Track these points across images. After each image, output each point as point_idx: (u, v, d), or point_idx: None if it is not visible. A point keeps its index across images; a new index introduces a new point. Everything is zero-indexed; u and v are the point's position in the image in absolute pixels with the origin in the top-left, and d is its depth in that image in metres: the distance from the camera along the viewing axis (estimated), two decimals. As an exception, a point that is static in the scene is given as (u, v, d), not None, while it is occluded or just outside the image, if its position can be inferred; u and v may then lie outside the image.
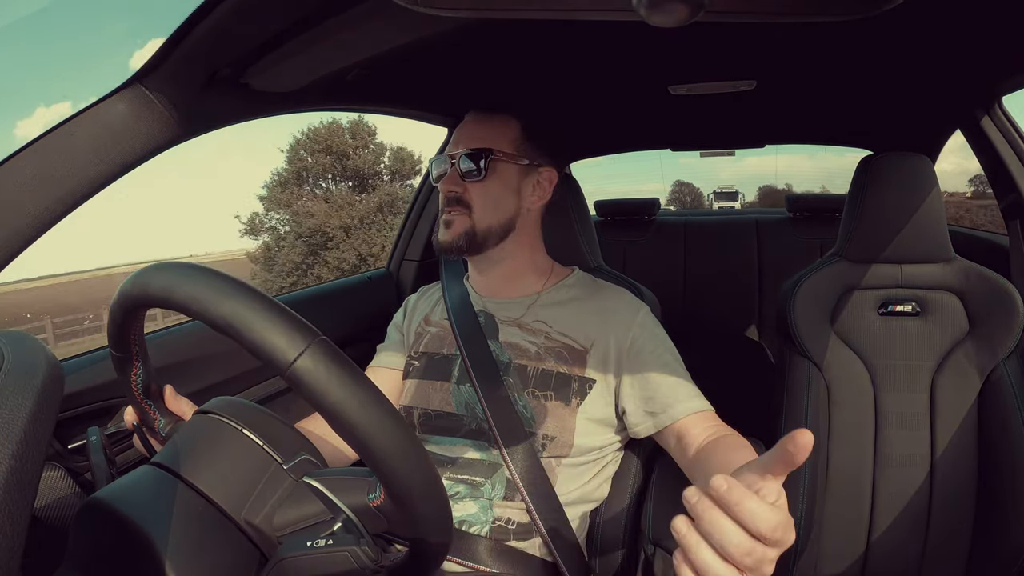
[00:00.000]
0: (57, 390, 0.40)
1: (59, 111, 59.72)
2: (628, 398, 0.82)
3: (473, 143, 0.86)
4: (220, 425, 0.53)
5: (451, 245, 0.85)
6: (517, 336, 0.86)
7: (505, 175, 0.86)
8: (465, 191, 0.85)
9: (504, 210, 0.86)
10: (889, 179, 1.04)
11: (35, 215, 0.59)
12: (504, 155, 0.85)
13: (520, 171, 0.87)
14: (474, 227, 0.84)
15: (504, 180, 0.86)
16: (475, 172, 0.84)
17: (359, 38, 0.70)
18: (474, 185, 0.85)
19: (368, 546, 0.47)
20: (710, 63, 1.14)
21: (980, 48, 1.00)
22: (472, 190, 0.85)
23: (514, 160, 0.86)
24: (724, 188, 22.32)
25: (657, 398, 0.80)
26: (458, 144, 0.87)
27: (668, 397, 0.80)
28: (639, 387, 0.82)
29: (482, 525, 0.79)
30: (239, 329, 0.41)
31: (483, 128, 0.88)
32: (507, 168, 0.86)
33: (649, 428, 0.81)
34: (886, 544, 1.05)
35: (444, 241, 0.86)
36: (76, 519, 0.49)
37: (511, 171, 0.87)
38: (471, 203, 0.85)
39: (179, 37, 0.61)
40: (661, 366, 0.82)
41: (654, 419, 0.81)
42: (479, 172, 0.84)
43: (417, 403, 0.87)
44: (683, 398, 0.80)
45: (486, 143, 0.85)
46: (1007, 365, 1.00)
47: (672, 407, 0.79)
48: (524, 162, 0.87)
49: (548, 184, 0.90)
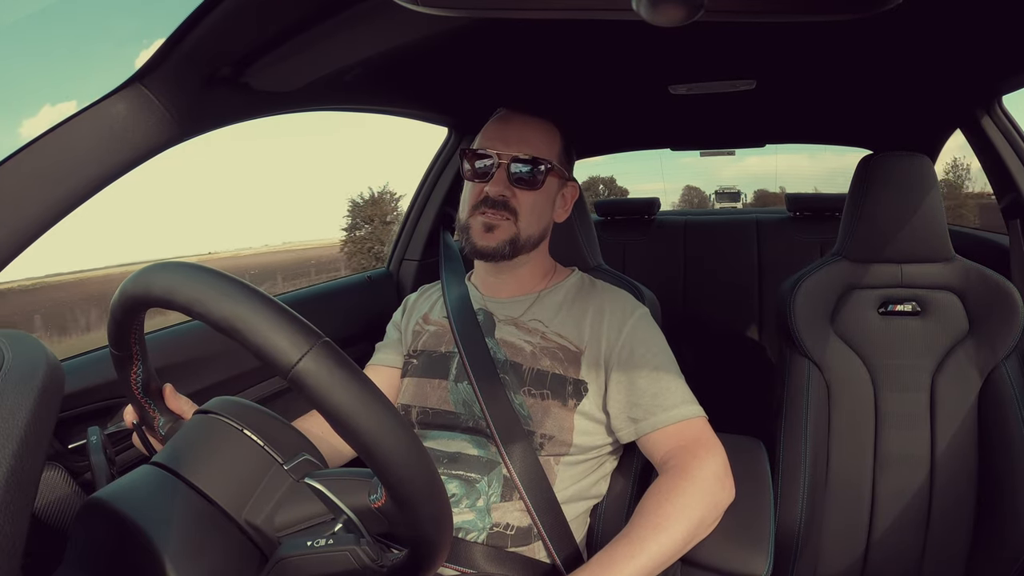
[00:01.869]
0: (57, 390, 0.40)
1: (64, 110, 60.84)
2: (613, 402, 0.81)
3: (529, 148, 0.83)
4: (220, 425, 0.53)
5: (495, 252, 0.83)
6: (513, 335, 0.86)
7: (551, 186, 0.86)
8: (513, 196, 0.83)
9: (544, 220, 0.87)
10: (889, 179, 1.04)
11: (35, 215, 0.59)
12: (555, 168, 0.85)
13: (559, 184, 0.88)
14: (518, 235, 0.83)
15: (549, 191, 0.86)
16: (529, 180, 0.83)
17: (359, 38, 0.70)
18: (525, 193, 0.83)
19: (368, 546, 0.47)
20: (710, 63, 1.14)
21: (980, 48, 1.00)
22: (521, 197, 0.83)
23: (559, 174, 0.87)
24: (726, 188, 22.32)
25: (641, 404, 0.79)
26: (506, 144, 0.83)
27: (651, 405, 0.78)
28: (625, 392, 0.80)
29: (479, 532, 0.77)
30: (241, 330, 0.41)
31: (536, 133, 0.85)
32: (553, 181, 0.86)
33: (631, 434, 0.80)
34: (886, 543, 1.05)
35: (486, 246, 0.83)
36: (76, 519, 0.49)
37: (554, 183, 0.87)
38: (518, 210, 0.83)
39: (179, 37, 0.61)
40: (650, 370, 0.80)
41: (635, 426, 0.79)
42: (535, 182, 0.83)
43: (415, 401, 0.87)
44: (668, 406, 0.78)
45: (543, 152, 0.84)
46: (1007, 365, 1.01)
47: (654, 415, 0.78)
48: (565, 175, 0.88)
49: (571, 198, 0.91)
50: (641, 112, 1.57)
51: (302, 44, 0.68)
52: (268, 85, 0.77)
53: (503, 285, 0.91)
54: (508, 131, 0.85)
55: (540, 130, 0.86)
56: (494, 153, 0.83)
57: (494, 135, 0.85)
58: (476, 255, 0.86)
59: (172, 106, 0.66)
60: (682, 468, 0.72)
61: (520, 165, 0.82)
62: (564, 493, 0.81)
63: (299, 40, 0.67)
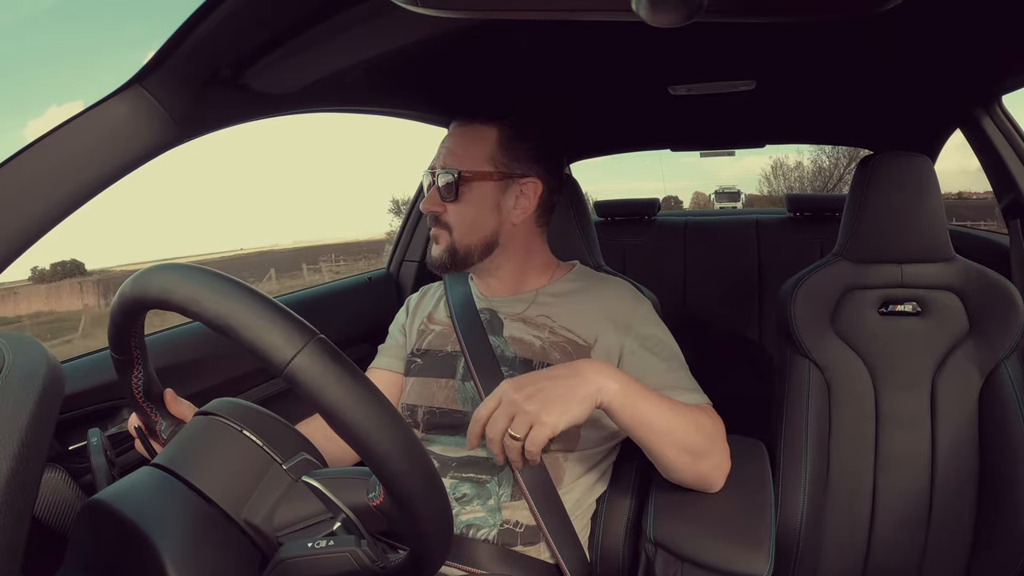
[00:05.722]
0: (58, 391, 0.40)
1: (71, 111, 60.59)
2: None
3: (448, 160, 0.84)
4: (220, 426, 0.53)
5: (436, 263, 0.87)
6: (521, 331, 0.87)
7: (480, 193, 0.83)
8: (444, 211, 0.84)
9: (482, 228, 0.84)
10: (889, 179, 1.04)
11: (35, 216, 0.59)
12: (476, 174, 0.82)
13: (497, 186, 0.84)
14: (454, 245, 0.84)
15: (479, 198, 0.83)
16: (448, 194, 0.83)
17: (359, 39, 0.70)
18: (451, 205, 0.84)
19: (369, 547, 0.47)
20: (710, 63, 1.14)
21: (980, 48, 1.00)
22: (450, 210, 0.84)
23: (489, 177, 0.83)
24: (726, 188, 22.38)
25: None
26: (438, 157, 0.85)
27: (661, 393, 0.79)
28: None
29: (490, 528, 0.78)
30: (236, 328, 0.41)
31: (459, 141, 0.85)
32: (482, 186, 0.83)
33: None
34: (886, 543, 1.05)
35: (432, 257, 0.88)
36: (77, 520, 0.49)
37: (486, 188, 0.83)
38: (449, 223, 0.84)
39: (179, 38, 0.61)
40: (659, 360, 0.82)
41: None
42: (452, 194, 0.83)
43: (421, 401, 0.87)
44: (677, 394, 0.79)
45: (457, 162, 0.83)
46: (1007, 364, 1.01)
47: None
48: (500, 177, 0.83)
49: (533, 194, 0.86)
50: (641, 112, 1.58)
51: (302, 45, 0.68)
52: (268, 86, 0.77)
53: (496, 285, 0.91)
54: (444, 145, 0.86)
55: (466, 137, 0.85)
56: (429, 168, 0.86)
57: (438, 150, 0.87)
58: (428, 264, 0.89)
59: (173, 107, 0.66)
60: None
61: (442, 176, 0.83)
62: (569, 492, 0.81)
63: (299, 41, 0.67)
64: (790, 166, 18.10)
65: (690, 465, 0.71)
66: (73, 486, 0.74)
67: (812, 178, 16.80)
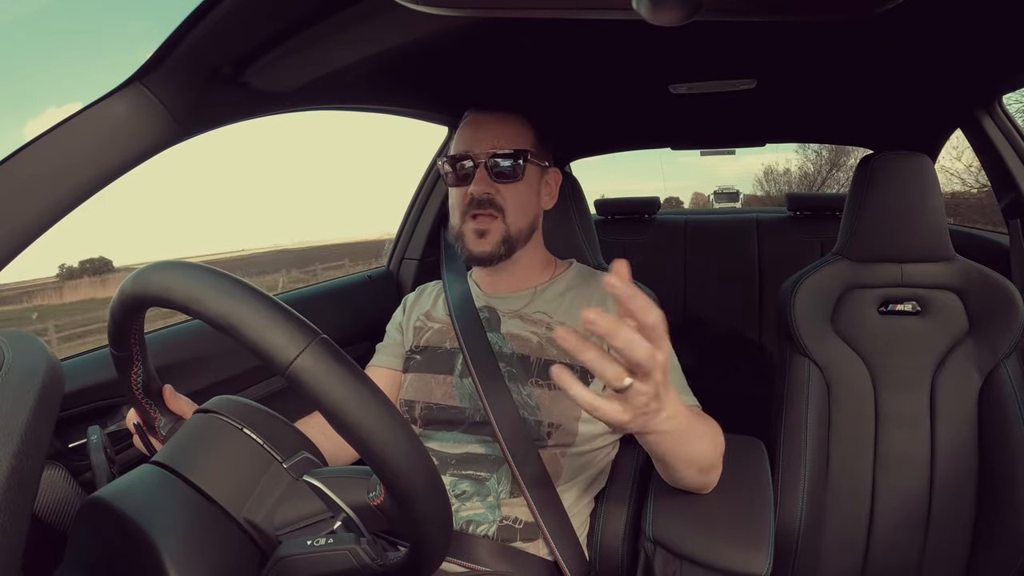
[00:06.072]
0: (58, 389, 0.40)
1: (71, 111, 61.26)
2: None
3: (504, 142, 0.85)
4: (220, 424, 0.53)
5: (491, 256, 0.84)
6: (519, 327, 0.87)
7: (531, 176, 0.87)
8: (497, 193, 0.84)
9: (531, 211, 0.88)
10: (889, 178, 1.04)
11: (35, 215, 0.59)
12: (534, 154, 0.86)
13: (540, 172, 0.89)
14: (508, 231, 0.84)
15: (531, 181, 0.87)
16: (510, 173, 0.84)
17: (360, 37, 0.70)
18: (508, 187, 0.84)
19: (368, 545, 0.47)
20: (710, 62, 1.14)
21: (980, 47, 1.00)
22: (505, 192, 0.84)
23: (538, 162, 0.88)
24: (725, 188, 22.42)
25: None
26: (480, 143, 0.85)
27: None
28: None
29: (489, 524, 0.79)
30: (238, 328, 0.41)
31: (508, 128, 0.87)
32: (533, 169, 0.87)
33: None
34: (886, 543, 1.06)
35: (482, 252, 0.84)
36: (77, 518, 0.49)
37: (535, 172, 0.88)
38: (504, 206, 0.84)
39: (179, 36, 0.61)
40: None
41: None
42: (515, 174, 0.84)
43: (419, 396, 0.87)
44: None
45: (518, 143, 0.85)
46: (1007, 364, 1.01)
47: None
48: (544, 163, 0.89)
49: (555, 184, 0.93)
50: (641, 111, 1.57)
51: (302, 43, 0.67)
52: (269, 84, 0.77)
53: (502, 281, 0.92)
54: (481, 131, 0.87)
55: (510, 123, 0.88)
56: (472, 153, 0.85)
57: (469, 137, 0.87)
58: (473, 262, 0.87)
59: (172, 105, 0.66)
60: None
61: (499, 160, 0.83)
62: (568, 488, 0.82)
63: (299, 39, 0.67)
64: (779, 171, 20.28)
65: (696, 476, 0.70)
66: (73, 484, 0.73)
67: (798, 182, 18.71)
